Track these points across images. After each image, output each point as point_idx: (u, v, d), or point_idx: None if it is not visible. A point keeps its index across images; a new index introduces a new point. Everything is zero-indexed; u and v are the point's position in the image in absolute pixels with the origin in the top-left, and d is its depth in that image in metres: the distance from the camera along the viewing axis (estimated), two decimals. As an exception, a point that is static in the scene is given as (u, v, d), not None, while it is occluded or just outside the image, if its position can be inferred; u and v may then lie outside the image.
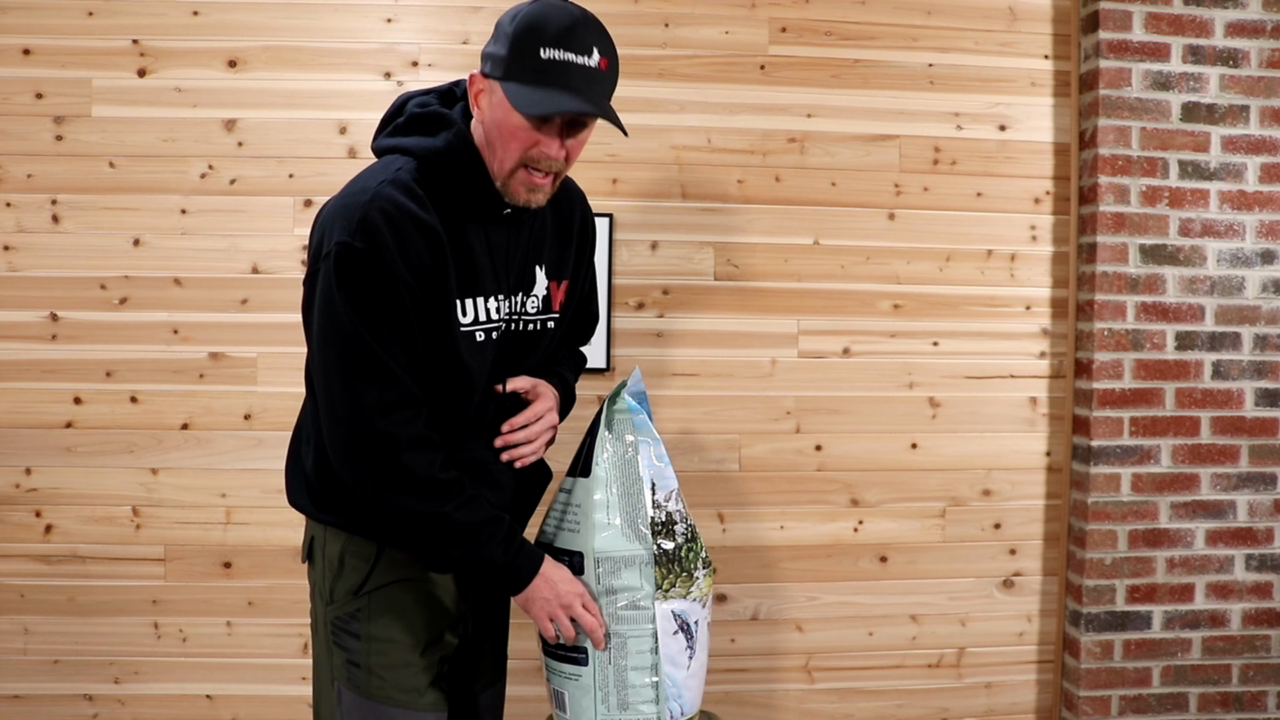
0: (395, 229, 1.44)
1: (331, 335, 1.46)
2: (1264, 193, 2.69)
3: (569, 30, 1.43)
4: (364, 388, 1.45)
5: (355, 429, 1.47)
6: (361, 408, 1.46)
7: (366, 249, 1.43)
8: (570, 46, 1.43)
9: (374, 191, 1.46)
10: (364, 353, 1.45)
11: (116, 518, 2.54)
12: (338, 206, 1.49)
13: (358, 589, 1.60)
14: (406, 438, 1.47)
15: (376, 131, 1.61)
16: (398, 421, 1.47)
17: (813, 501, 2.70)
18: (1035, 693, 2.79)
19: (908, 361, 2.72)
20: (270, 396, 2.53)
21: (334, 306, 1.44)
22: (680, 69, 2.63)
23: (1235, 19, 2.65)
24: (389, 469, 1.47)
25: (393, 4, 2.56)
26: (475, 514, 1.51)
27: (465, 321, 1.53)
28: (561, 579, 1.58)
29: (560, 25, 1.43)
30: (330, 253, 1.44)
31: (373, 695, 1.59)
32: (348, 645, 1.61)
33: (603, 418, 1.66)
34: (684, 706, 1.64)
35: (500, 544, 1.53)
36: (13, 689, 2.53)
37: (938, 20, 2.70)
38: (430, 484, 1.48)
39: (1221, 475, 2.70)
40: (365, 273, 1.43)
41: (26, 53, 2.48)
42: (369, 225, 1.43)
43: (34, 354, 2.51)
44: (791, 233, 2.67)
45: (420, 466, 1.48)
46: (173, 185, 2.52)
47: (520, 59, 1.43)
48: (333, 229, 1.46)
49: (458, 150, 1.50)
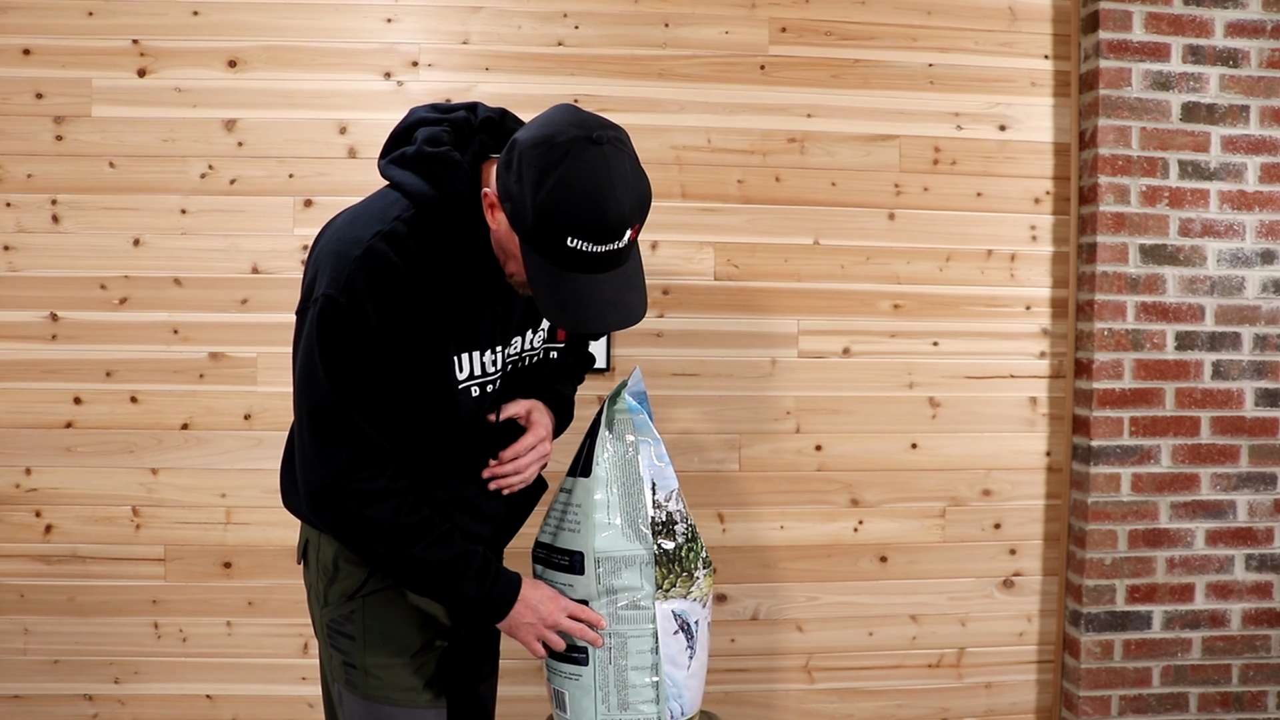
0: (384, 289, 1.40)
1: (308, 388, 1.45)
2: (1264, 193, 2.69)
3: (601, 220, 1.30)
4: (332, 450, 1.45)
5: (319, 484, 1.47)
6: (327, 466, 1.46)
7: (349, 307, 1.40)
8: (600, 239, 1.32)
9: (366, 246, 1.41)
10: (334, 414, 1.44)
11: (116, 518, 2.54)
12: (331, 250, 1.44)
13: (353, 593, 1.60)
14: (370, 492, 1.47)
15: (386, 148, 1.52)
16: (361, 479, 1.46)
17: (813, 501, 2.70)
18: (1035, 693, 2.79)
19: (908, 361, 2.72)
20: (270, 396, 2.53)
21: (313, 361, 1.43)
22: (680, 69, 2.63)
23: (1235, 19, 2.65)
24: (352, 521, 1.48)
25: (393, 4, 2.56)
26: (445, 552, 1.51)
27: (461, 378, 1.52)
28: (541, 599, 1.58)
29: (593, 214, 1.30)
30: (317, 301, 1.42)
31: (371, 695, 1.60)
32: (343, 647, 1.62)
33: (603, 418, 1.66)
34: (684, 706, 1.64)
35: (473, 579, 1.53)
36: (13, 689, 2.53)
37: (938, 20, 2.70)
38: (396, 531, 1.48)
39: (1221, 475, 2.70)
40: (345, 330, 1.41)
41: (26, 53, 2.48)
42: (355, 285, 1.39)
43: (34, 354, 2.51)
44: (791, 233, 2.67)
45: (385, 517, 1.47)
46: (173, 185, 2.52)
47: (542, 241, 1.33)
48: (324, 274, 1.43)
49: (462, 208, 1.43)
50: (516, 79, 2.58)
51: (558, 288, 1.36)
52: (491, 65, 2.57)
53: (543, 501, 1.84)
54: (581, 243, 1.31)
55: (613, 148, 1.34)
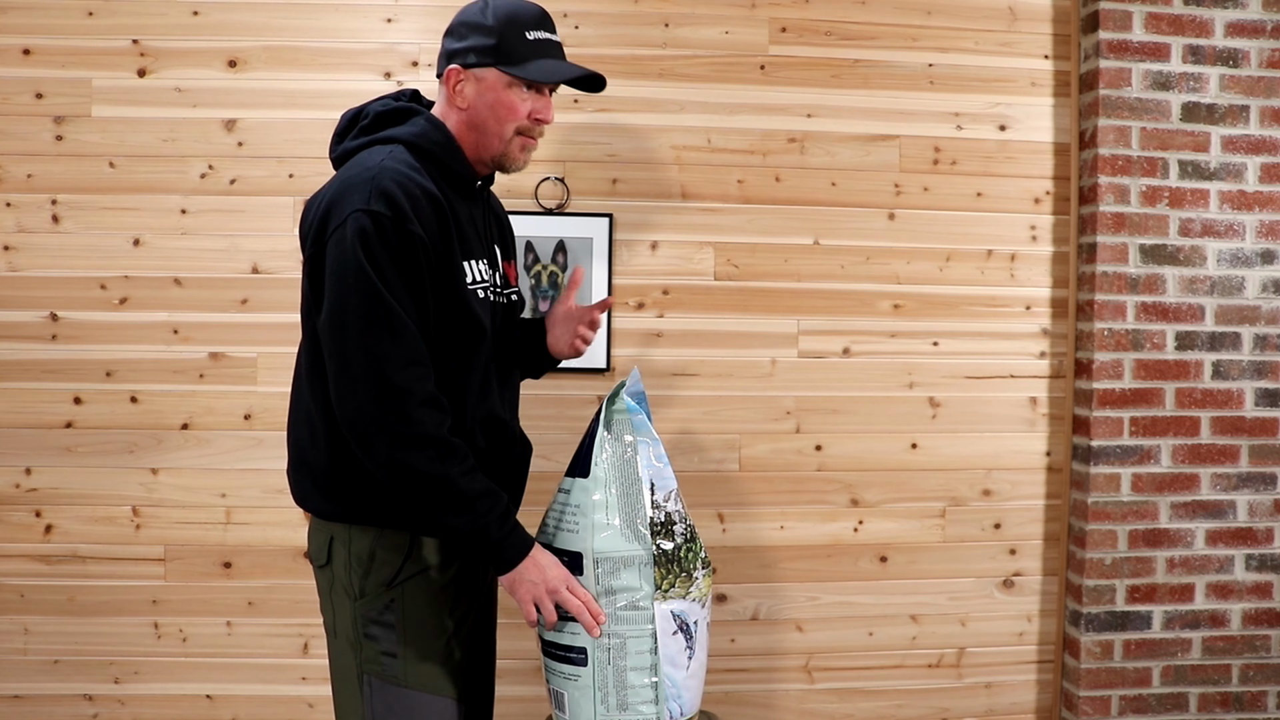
0: (410, 195, 1.53)
1: (349, 295, 1.50)
2: (1264, 193, 2.69)
3: (540, 16, 1.66)
4: (381, 341, 1.50)
5: (371, 384, 1.50)
6: (378, 361, 1.49)
7: (386, 212, 1.51)
8: (545, 27, 1.66)
9: (380, 166, 1.55)
10: (382, 307, 1.50)
11: (116, 518, 2.54)
12: (342, 188, 1.55)
13: (390, 580, 1.61)
14: (419, 393, 1.51)
15: (334, 142, 1.71)
16: (411, 377, 1.51)
17: (813, 501, 2.70)
18: (1035, 693, 2.79)
19: (908, 361, 2.72)
20: (270, 396, 2.53)
21: (352, 266, 1.50)
22: (680, 69, 2.63)
23: (1235, 19, 2.65)
24: (401, 424, 1.50)
25: (393, 4, 2.56)
26: (476, 484, 1.54)
27: (469, 281, 1.62)
28: (549, 564, 1.60)
29: (532, 13, 1.65)
30: (346, 220, 1.51)
31: (408, 683, 1.61)
32: (380, 636, 1.62)
33: (602, 418, 1.66)
34: (683, 707, 1.65)
35: (498, 519, 1.56)
36: (13, 689, 2.54)
37: (938, 20, 2.70)
38: (439, 444, 1.52)
39: (1221, 475, 2.70)
40: (385, 234, 1.51)
41: (26, 53, 2.49)
42: (386, 192, 1.52)
43: (34, 354, 2.51)
44: (791, 233, 2.67)
45: (431, 424, 1.51)
46: (173, 185, 2.52)
47: (509, 43, 1.62)
48: (343, 203, 1.53)
49: (439, 132, 1.65)
50: (516, 79, 2.57)
51: (542, 68, 1.64)
52: (491, 65, 2.57)
53: (541, 502, 1.84)
54: (537, 32, 1.64)
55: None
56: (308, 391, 1.63)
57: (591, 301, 2.48)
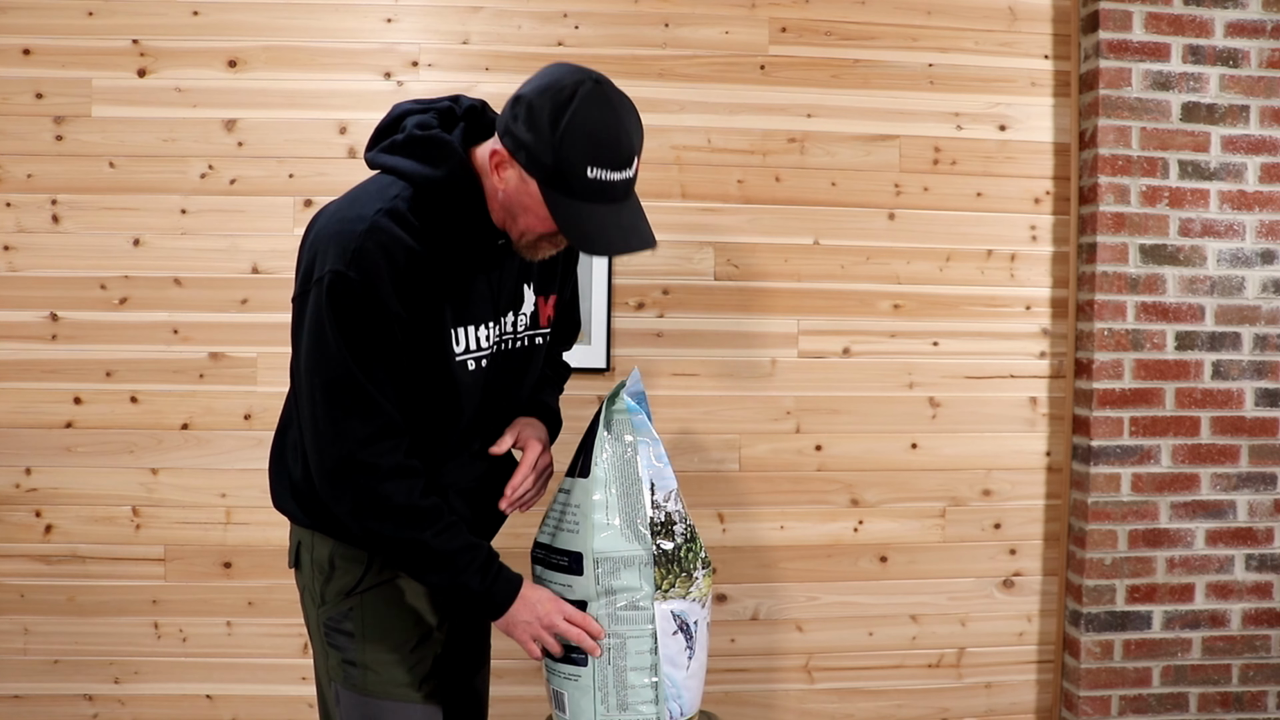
0: (390, 261, 1.44)
1: (319, 364, 1.46)
2: (1264, 193, 2.69)
3: (616, 149, 1.41)
4: (348, 420, 1.46)
5: (337, 458, 1.47)
6: (344, 439, 1.46)
7: (360, 280, 1.42)
8: (613, 165, 1.42)
9: (370, 222, 1.44)
10: (350, 385, 1.45)
11: (116, 518, 2.54)
12: (332, 231, 1.47)
13: (350, 589, 1.61)
14: (387, 467, 1.48)
15: (371, 141, 1.59)
16: (379, 452, 1.47)
17: (813, 501, 2.70)
18: (1035, 693, 2.79)
19: (908, 361, 2.72)
20: (270, 396, 2.53)
21: (324, 335, 1.44)
22: (680, 69, 2.63)
23: (1235, 19, 2.65)
24: (368, 497, 1.48)
25: (393, 4, 2.56)
26: (453, 541, 1.52)
27: (459, 351, 1.54)
28: (540, 599, 1.58)
29: (609, 143, 1.40)
30: (324, 279, 1.44)
31: (370, 692, 1.60)
32: (341, 645, 1.62)
33: (602, 418, 1.66)
34: (683, 707, 1.65)
35: (477, 571, 1.54)
36: (13, 689, 2.54)
37: (938, 20, 2.70)
38: (408, 511, 1.49)
39: (1221, 475, 2.70)
40: (357, 303, 1.43)
41: (26, 53, 2.49)
42: (364, 256, 1.42)
43: (34, 354, 2.51)
44: (791, 233, 2.67)
45: (399, 495, 1.48)
46: (173, 185, 2.52)
47: (564, 175, 1.40)
48: (326, 254, 1.45)
49: (459, 183, 1.49)
50: (516, 79, 2.53)
51: (582, 219, 1.42)
52: (491, 65, 2.57)
53: (541, 502, 1.84)
54: (600, 171, 1.41)
55: (611, 86, 1.45)
56: (291, 397, 1.63)
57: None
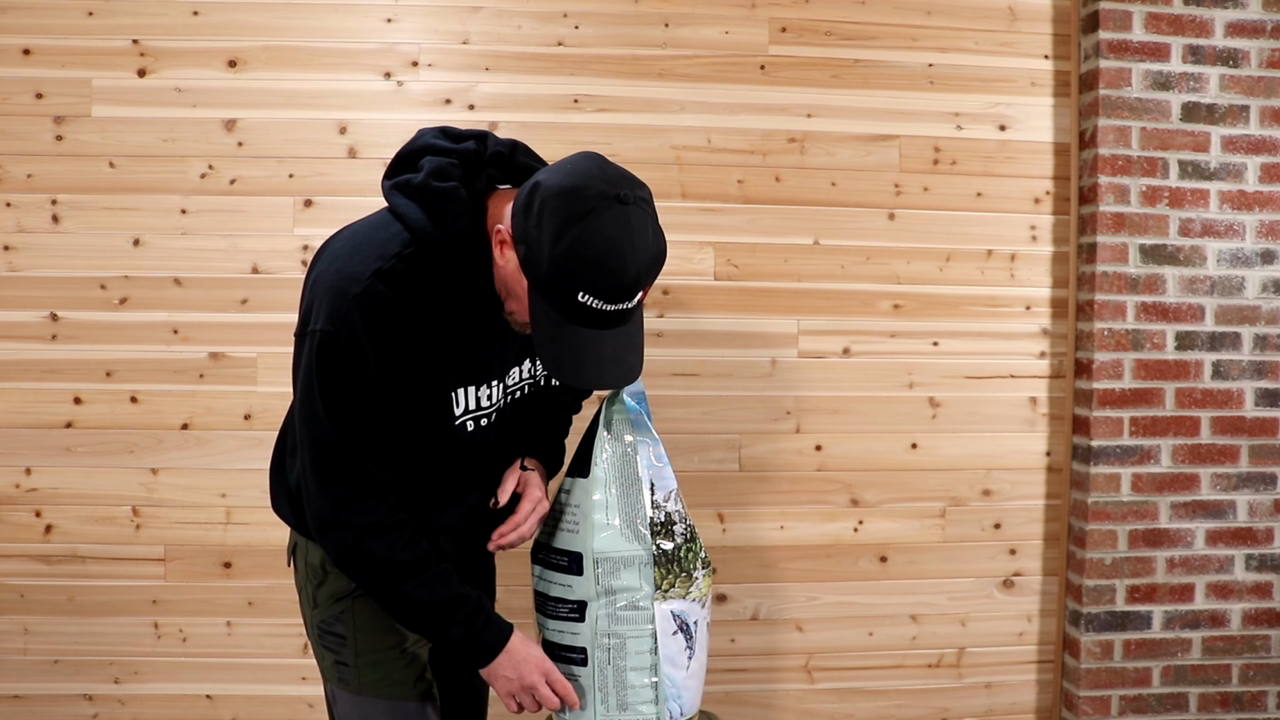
0: (380, 327, 1.41)
1: (307, 420, 1.47)
2: (1264, 193, 2.69)
3: (615, 280, 1.32)
4: (330, 481, 1.47)
5: (319, 510, 1.49)
6: (325, 495, 1.48)
7: (347, 344, 1.41)
8: (611, 298, 1.34)
9: (364, 285, 1.40)
10: (333, 451, 1.45)
11: (116, 518, 2.54)
12: (329, 283, 1.43)
13: (342, 595, 1.62)
14: (364, 525, 1.48)
15: (391, 168, 1.52)
16: (357, 512, 1.47)
17: (813, 501, 2.70)
18: (1035, 693, 2.79)
19: (908, 361, 2.71)
20: (270, 396, 2.53)
21: (312, 392, 1.45)
22: (680, 69, 2.63)
23: (1235, 19, 2.65)
24: (348, 551, 1.49)
25: (393, 4, 2.56)
26: (436, 592, 1.52)
27: (458, 413, 1.53)
28: (526, 658, 1.58)
29: (610, 273, 1.31)
30: (315, 334, 1.43)
31: (364, 691, 1.62)
32: (334, 646, 1.64)
33: (602, 418, 1.66)
34: (683, 707, 1.64)
35: (460, 622, 1.54)
36: (13, 689, 2.53)
37: (938, 20, 2.70)
38: (389, 566, 1.49)
39: (1221, 475, 2.70)
40: (343, 364, 1.42)
41: (26, 53, 2.48)
42: (352, 322, 1.40)
43: (34, 354, 2.51)
44: (791, 233, 2.67)
45: (379, 550, 1.48)
46: (173, 185, 2.52)
47: (553, 290, 1.34)
48: (321, 308, 1.43)
49: (465, 248, 1.43)
50: (516, 79, 2.58)
51: (559, 339, 1.37)
52: (491, 65, 2.57)
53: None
54: (593, 299, 1.33)
55: (638, 208, 1.34)
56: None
57: None
